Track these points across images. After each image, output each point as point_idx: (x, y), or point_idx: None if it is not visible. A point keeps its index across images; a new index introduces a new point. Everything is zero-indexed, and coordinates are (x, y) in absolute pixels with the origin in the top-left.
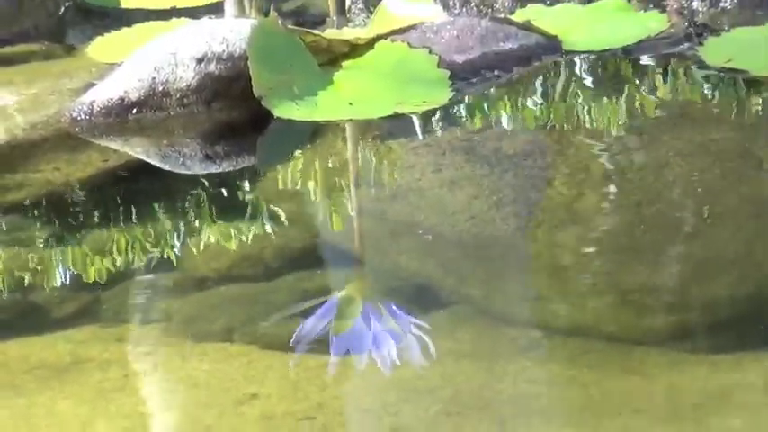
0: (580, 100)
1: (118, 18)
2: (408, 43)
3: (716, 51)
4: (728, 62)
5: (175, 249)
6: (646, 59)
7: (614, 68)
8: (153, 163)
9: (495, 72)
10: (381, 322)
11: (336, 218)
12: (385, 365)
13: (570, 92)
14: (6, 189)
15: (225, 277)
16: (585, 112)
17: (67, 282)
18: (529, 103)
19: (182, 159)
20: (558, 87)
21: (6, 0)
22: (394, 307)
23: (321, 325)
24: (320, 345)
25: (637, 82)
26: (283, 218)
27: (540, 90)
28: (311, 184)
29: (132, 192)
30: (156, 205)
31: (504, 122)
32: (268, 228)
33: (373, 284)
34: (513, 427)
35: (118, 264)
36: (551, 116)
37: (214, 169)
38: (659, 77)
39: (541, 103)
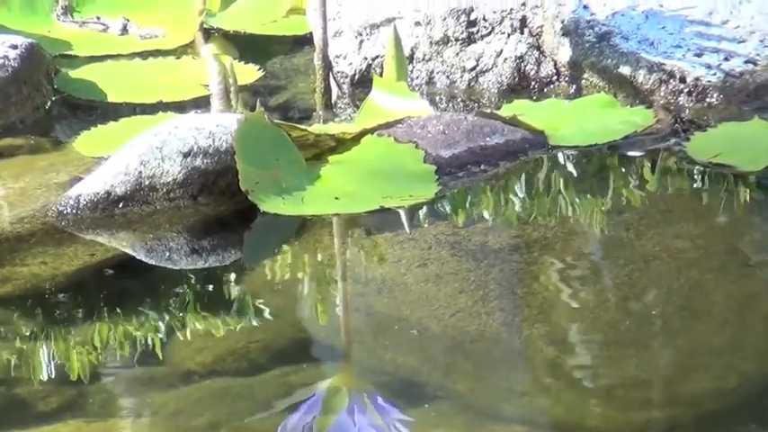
0: (566, 195)
1: (105, 112)
2: (394, 138)
3: (703, 147)
4: (715, 157)
5: (161, 343)
6: (632, 155)
7: (600, 164)
8: (139, 257)
9: (482, 166)
10: (367, 417)
11: (323, 312)
12: None
13: (556, 187)
14: None
15: (211, 371)
16: (571, 208)
17: (53, 376)
18: (515, 197)
19: (168, 254)
20: (544, 182)
21: None
22: (380, 401)
23: (307, 420)
24: None
25: (623, 177)
26: (269, 312)
27: (526, 185)
28: (298, 279)
29: (118, 286)
30: (141, 299)
31: (490, 217)
32: (254, 322)
33: (359, 379)
34: None
35: (103, 358)
36: (537, 211)
37: (200, 264)
38: (645, 173)
39: (527, 198)
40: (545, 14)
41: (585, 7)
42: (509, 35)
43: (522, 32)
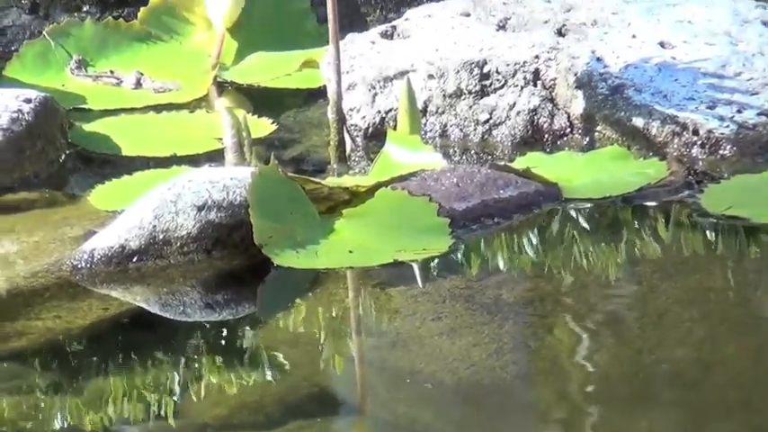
0: (580, 247)
1: (119, 166)
2: (408, 191)
3: (716, 199)
4: (728, 209)
5: (176, 396)
6: (645, 207)
7: (614, 216)
8: (153, 311)
9: (496, 219)
10: None
11: (337, 366)
12: None
13: (570, 239)
14: (7, 337)
15: (226, 425)
16: (585, 260)
17: (67, 430)
18: (529, 250)
19: (182, 307)
20: (558, 235)
21: (8, 147)
22: None
23: None
24: None
25: (636, 229)
26: (284, 365)
27: (539, 237)
28: (312, 332)
29: (133, 340)
30: (156, 353)
31: (504, 270)
32: (269, 375)
33: None
34: None
35: (118, 412)
36: (551, 264)
37: (214, 317)
38: (659, 225)
39: (541, 251)
40: (558, 67)
41: (599, 60)
42: (522, 88)
43: (535, 85)
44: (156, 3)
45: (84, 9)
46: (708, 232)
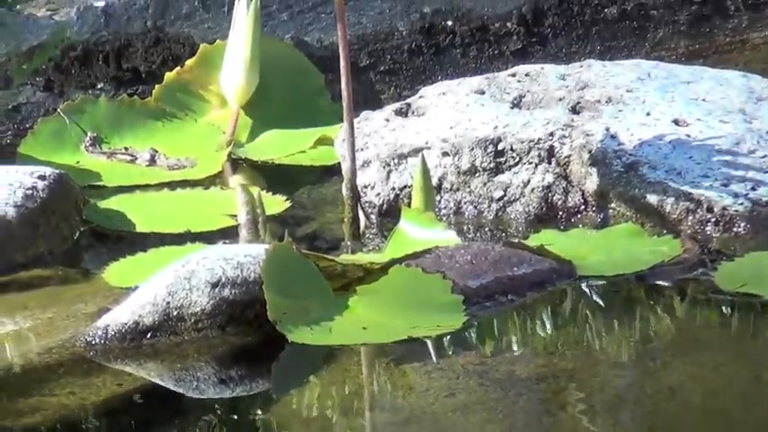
0: (593, 325)
1: (133, 242)
2: (422, 268)
3: (730, 277)
4: (742, 287)
5: None
6: (660, 285)
7: (627, 294)
8: (167, 387)
9: (509, 296)
10: None
11: None
12: None
13: (583, 317)
14: (21, 413)
15: None
16: (598, 337)
17: None
18: (542, 327)
19: (196, 383)
20: (572, 312)
21: (22, 224)
22: None
23: None
24: None
25: (650, 307)
26: None
27: (553, 315)
28: (326, 409)
29: (146, 416)
30: (170, 429)
31: (518, 347)
32: None
33: None
34: None
35: None
36: (564, 341)
37: (228, 394)
38: (672, 303)
39: (555, 328)
40: (572, 144)
41: (613, 137)
42: (537, 165)
43: (549, 162)
44: (170, 80)
45: (99, 86)
46: (721, 310)
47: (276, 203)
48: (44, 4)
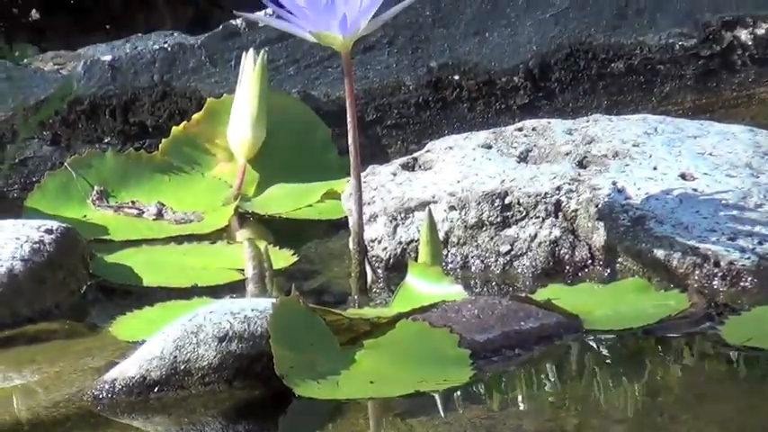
0: (600, 379)
1: (140, 296)
2: (429, 322)
3: (736, 330)
4: (749, 341)
5: None
6: (666, 339)
7: (635, 348)
8: None
9: (516, 351)
10: None
11: None
12: None
13: (590, 371)
14: None
15: None
16: (605, 392)
17: None
18: (549, 382)
19: None
20: (579, 367)
21: (28, 278)
22: None
23: None
24: None
25: (657, 361)
26: None
27: (560, 369)
28: None
29: None
30: None
31: (525, 401)
32: None
33: None
34: None
35: None
36: (572, 395)
37: None
38: (679, 357)
39: (562, 383)
40: (579, 199)
41: (620, 191)
42: (544, 219)
43: (556, 217)
44: (177, 134)
45: (106, 140)
46: (728, 364)
47: (283, 258)
48: (51, 59)
